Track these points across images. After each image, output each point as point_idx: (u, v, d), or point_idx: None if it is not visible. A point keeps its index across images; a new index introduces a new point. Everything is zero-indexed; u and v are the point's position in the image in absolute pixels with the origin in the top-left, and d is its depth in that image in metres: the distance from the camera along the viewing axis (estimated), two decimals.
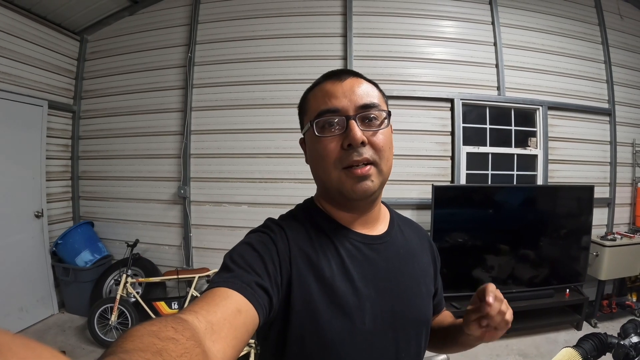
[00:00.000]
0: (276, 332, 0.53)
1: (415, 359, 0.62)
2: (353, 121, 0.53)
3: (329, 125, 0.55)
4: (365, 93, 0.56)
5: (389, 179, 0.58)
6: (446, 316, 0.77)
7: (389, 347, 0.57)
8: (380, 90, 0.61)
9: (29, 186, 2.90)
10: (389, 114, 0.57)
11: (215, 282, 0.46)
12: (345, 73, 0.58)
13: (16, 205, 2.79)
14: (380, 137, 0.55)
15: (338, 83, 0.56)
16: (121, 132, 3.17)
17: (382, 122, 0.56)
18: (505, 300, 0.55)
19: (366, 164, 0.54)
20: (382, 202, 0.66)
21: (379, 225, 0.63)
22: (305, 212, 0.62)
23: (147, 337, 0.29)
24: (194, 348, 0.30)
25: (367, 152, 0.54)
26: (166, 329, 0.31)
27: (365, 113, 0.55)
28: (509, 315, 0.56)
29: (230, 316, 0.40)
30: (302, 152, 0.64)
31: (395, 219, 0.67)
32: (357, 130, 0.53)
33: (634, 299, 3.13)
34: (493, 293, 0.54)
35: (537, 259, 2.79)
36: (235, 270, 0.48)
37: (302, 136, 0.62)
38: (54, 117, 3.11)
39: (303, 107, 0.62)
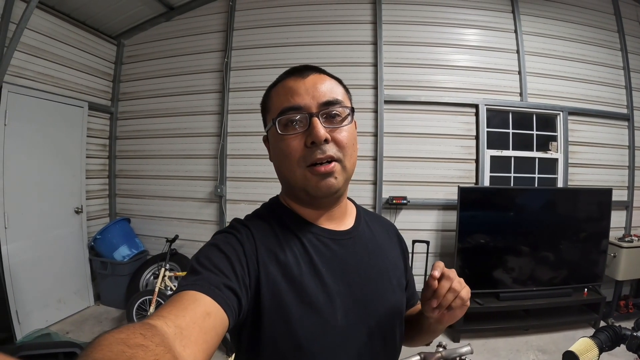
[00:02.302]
0: (248, 334, 0.52)
1: (391, 352, 0.62)
2: (316, 118, 0.52)
3: (292, 123, 0.54)
4: (329, 90, 0.55)
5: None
6: (419, 308, 0.76)
7: (364, 342, 0.56)
8: (344, 87, 0.60)
9: (70, 183, 3.03)
10: (352, 110, 0.57)
11: (182, 285, 0.45)
12: (307, 69, 0.57)
13: (58, 202, 2.92)
14: (343, 134, 0.55)
15: (300, 80, 0.55)
16: (157, 133, 3.31)
17: (344, 119, 0.56)
18: (457, 279, 0.53)
19: (330, 161, 0.53)
20: (349, 199, 0.66)
21: (345, 220, 0.63)
22: (271, 211, 0.62)
23: (115, 345, 0.28)
24: (164, 354, 0.30)
25: (330, 150, 0.53)
26: (134, 336, 0.30)
27: (328, 110, 0.54)
28: (465, 293, 0.53)
29: (199, 319, 0.40)
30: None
31: (362, 214, 0.67)
32: (320, 128, 0.52)
33: None
34: (440, 269, 0.52)
35: (556, 259, 2.87)
36: (202, 273, 0.47)
37: (266, 134, 0.62)
38: (93, 117, 3.26)
39: (266, 105, 0.60)
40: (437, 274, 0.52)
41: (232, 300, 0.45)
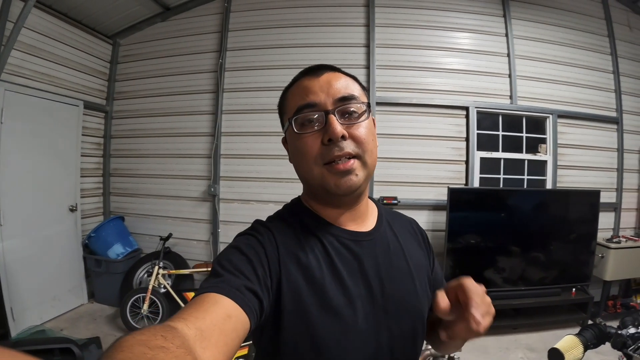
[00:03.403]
0: (269, 336, 0.52)
1: (411, 356, 0.60)
2: (332, 115, 0.52)
3: (308, 122, 0.54)
4: (343, 86, 0.55)
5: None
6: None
7: (384, 345, 0.55)
8: (360, 83, 0.59)
9: (65, 181, 3.05)
10: (368, 105, 0.56)
11: (203, 287, 0.45)
12: (322, 68, 0.57)
13: (53, 200, 2.93)
14: (361, 130, 0.54)
15: (315, 78, 0.55)
16: (152, 132, 3.34)
17: (362, 115, 0.55)
18: (487, 299, 0.48)
19: (349, 158, 0.53)
20: (370, 198, 0.65)
21: (367, 221, 0.62)
22: (292, 212, 0.61)
23: (137, 347, 0.28)
24: (184, 356, 0.30)
25: (348, 146, 0.52)
26: (155, 338, 0.30)
27: (344, 106, 0.54)
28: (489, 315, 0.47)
29: (220, 322, 0.40)
30: None
31: (383, 214, 0.66)
32: (337, 124, 0.51)
33: (639, 300, 3.25)
34: (478, 305, 0.44)
35: (545, 259, 2.92)
36: (223, 275, 0.47)
37: (284, 136, 0.61)
38: (88, 116, 3.28)
39: (282, 106, 0.60)
40: (478, 317, 0.43)
41: (253, 302, 0.45)
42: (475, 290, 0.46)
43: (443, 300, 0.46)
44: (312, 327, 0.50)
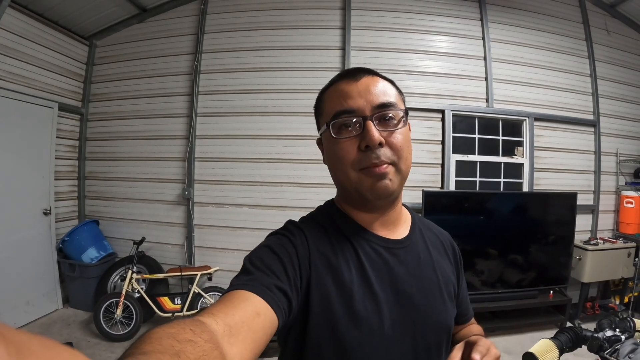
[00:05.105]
0: (294, 336, 0.53)
1: None
2: (370, 122, 0.52)
3: (346, 127, 0.54)
4: (382, 92, 0.54)
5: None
6: (472, 330, 0.72)
7: (407, 355, 0.55)
8: (397, 88, 0.59)
9: (38, 185, 3.00)
10: (406, 112, 0.56)
11: (234, 284, 0.46)
12: (360, 72, 0.57)
13: (26, 203, 2.88)
14: (398, 137, 0.54)
15: (353, 82, 0.55)
16: (127, 135, 3.30)
17: (399, 122, 0.55)
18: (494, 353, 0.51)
19: (384, 164, 0.53)
20: (404, 205, 0.65)
21: (400, 228, 0.62)
22: (325, 214, 0.61)
23: (165, 339, 0.29)
24: (211, 350, 0.30)
25: (385, 154, 0.52)
26: (184, 332, 0.31)
27: (382, 113, 0.53)
28: None
29: (249, 319, 0.40)
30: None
31: (417, 222, 0.65)
32: (375, 132, 0.52)
33: (617, 302, 3.26)
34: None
35: (523, 262, 2.92)
36: (254, 273, 0.47)
37: (319, 137, 0.61)
38: (63, 118, 3.23)
39: (319, 108, 0.60)
40: None
41: (282, 301, 0.46)
42: (489, 355, 0.50)
43: (455, 358, 0.50)
44: (337, 329, 0.50)
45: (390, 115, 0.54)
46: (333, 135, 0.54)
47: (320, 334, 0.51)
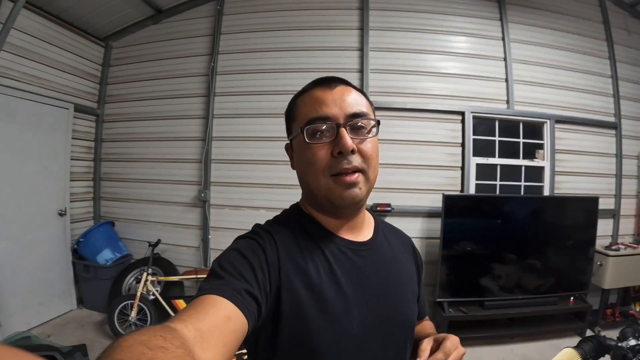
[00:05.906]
0: (265, 340, 0.53)
1: None
2: (344, 129, 0.54)
3: (319, 133, 0.55)
4: (355, 102, 0.57)
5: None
6: (426, 327, 0.76)
7: (378, 353, 0.57)
8: (368, 99, 0.61)
9: (53, 185, 3.01)
10: (377, 122, 0.58)
11: (204, 289, 0.46)
12: (335, 81, 0.58)
13: (41, 204, 2.89)
14: (368, 146, 0.56)
15: (328, 90, 0.57)
16: (143, 137, 3.29)
17: (370, 131, 0.57)
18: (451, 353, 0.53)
19: (355, 172, 0.55)
20: (367, 210, 0.67)
21: (364, 231, 0.64)
22: (292, 218, 0.62)
23: (136, 347, 0.28)
24: (184, 356, 0.30)
25: (356, 160, 0.54)
26: (155, 338, 0.30)
27: (355, 121, 0.55)
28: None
29: (220, 324, 0.40)
30: None
31: (379, 226, 0.68)
32: (348, 138, 0.53)
33: (638, 309, 3.19)
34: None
35: (542, 267, 2.86)
36: (224, 277, 0.47)
37: (289, 142, 0.63)
38: (78, 119, 3.24)
39: (291, 113, 0.61)
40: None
41: (252, 306, 0.46)
42: (454, 355, 0.52)
43: (425, 351, 0.53)
44: (309, 330, 0.51)
45: (362, 124, 0.56)
46: (307, 140, 0.55)
47: (292, 336, 0.51)
